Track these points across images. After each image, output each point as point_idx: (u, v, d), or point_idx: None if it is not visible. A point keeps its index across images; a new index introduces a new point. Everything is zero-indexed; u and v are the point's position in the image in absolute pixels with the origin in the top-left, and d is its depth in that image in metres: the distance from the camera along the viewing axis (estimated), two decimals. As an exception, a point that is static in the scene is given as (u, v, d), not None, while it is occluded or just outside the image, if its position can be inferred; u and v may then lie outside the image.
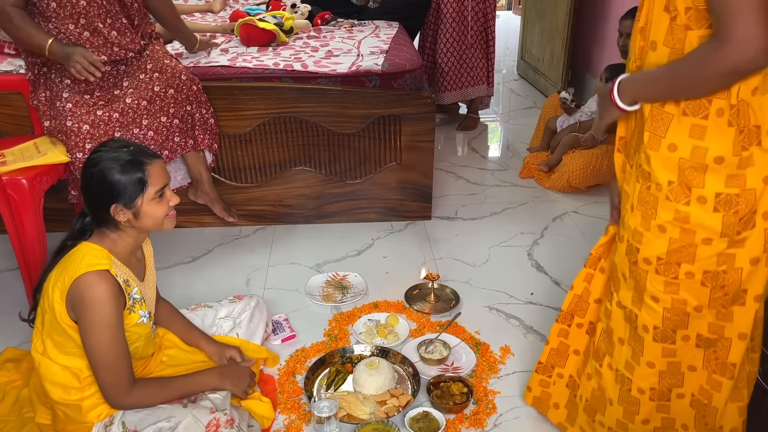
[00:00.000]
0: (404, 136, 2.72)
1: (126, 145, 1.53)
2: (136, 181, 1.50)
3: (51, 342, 1.52)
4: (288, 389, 1.89)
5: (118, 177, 1.48)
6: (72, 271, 1.44)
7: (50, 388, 1.54)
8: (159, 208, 1.54)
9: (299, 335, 2.13)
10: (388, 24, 3.53)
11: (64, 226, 2.55)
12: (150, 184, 1.51)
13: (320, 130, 2.69)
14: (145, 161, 1.52)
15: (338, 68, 2.66)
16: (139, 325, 1.57)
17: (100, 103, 2.26)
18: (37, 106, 2.33)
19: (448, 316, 2.24)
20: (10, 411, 1.75)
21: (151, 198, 1.52)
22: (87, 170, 1.51)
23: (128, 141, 1.59)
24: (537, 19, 4.65)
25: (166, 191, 1.56)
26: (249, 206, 2.81)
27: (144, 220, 1.53)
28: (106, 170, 1.48)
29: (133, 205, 1.51)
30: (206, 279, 2.47)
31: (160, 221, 1.56)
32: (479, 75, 3.83)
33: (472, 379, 1.93)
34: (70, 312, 1.47)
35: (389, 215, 2.89)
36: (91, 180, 1.50)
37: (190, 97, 2.38)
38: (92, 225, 1.55)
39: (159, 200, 1.54)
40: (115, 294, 1.46)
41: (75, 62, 2.16)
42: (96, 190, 1.50)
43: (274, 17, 3.09)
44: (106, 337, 1.45)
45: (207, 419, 1.52)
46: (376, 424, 1.70)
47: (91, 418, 1.54)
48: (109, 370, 1.48)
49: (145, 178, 1.51)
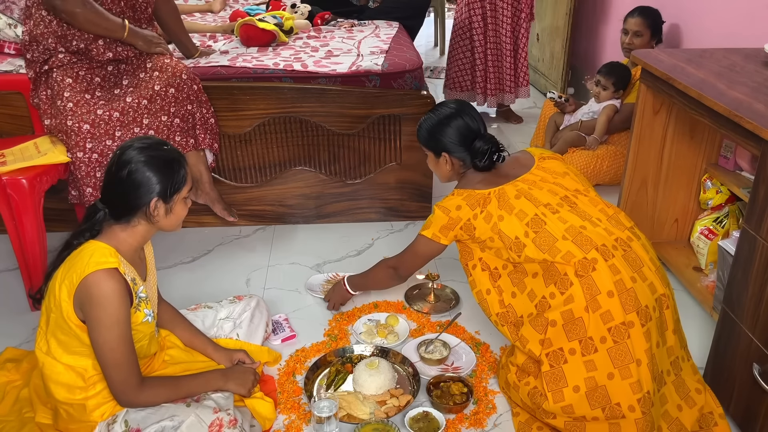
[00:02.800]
0: (404, 136, 2.72)
1: (162, 143, 1.55)
2: (181, 177, 1.53)
3: (55, 341, 1.52)
4: (288, 389, 1.89)
5: (162, 171, 1.50)
6: (80, 269, 1.44)
7: (54, 388, 1.54)
8: (184, 208, 1.59)
9: (299, 335, 2.13)
10: (388, 24, 3.53)
11: (64, 226, 2.58)
12: (186, 183, 1.55)
13: (320, 130, 2.69)
14: (183, 160, 1.55)
15: (338, 68, 2.66)
16: (144, 323, 1.57)
17: (100, 103, 2.26)
18: (37, 105, 2.33)
19: (448, 316, 2.24)
20: (10, 411, 1.75)
21: (185, 196, 1.56)
22: (123, 165, 1.49)
23: (161, 139, 1.62)
24: (537, 18, 4.64)
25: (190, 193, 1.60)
26: (249, 206, 2.81)
27: (171, 217, 1.56)
28: (149, 164, 1.49)
29: (171, 201, 1.53)
30: (206, 279, 2.47)
31: (180, 221, 1.60)
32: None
33: (472, 379, 1.93)
34: (78, 311, 1.47)
35: (389, 215, 2.89)
36: (130, 174, 1.48)
37: (190, 96, 2.38)
38: (103, 222, 1.55)
39: (185, 201, 1.58)
40: (123, 292, 1.46)
41: (158, 44, 2.35)
42: (136, 184, 1.49)
43: (274, 17, 3.08)
44: (114, 335, 1.46)
45: (210, 419, 1.53)
46: (376, 424, 1.70)
47: (94, 417, 1.55)
48: (119, 368, 1.48)
49: (186, 175, 1.54)
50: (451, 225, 1.84)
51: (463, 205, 1.83)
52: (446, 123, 1.89)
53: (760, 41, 2.33)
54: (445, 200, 1.88)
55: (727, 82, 1.91)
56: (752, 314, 1.63)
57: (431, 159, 1.99)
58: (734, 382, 1.72)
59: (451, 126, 1.89)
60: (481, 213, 1.79)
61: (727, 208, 2.34)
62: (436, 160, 1.97)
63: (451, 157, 1.92)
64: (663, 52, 2.30)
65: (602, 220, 1.75)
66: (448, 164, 1.94)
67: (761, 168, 1.59)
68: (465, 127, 1.89)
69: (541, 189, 1.79)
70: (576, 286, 1.62)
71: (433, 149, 1.95)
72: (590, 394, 1.60)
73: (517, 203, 1.77)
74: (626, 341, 1.57)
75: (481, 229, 1.79)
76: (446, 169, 1.96)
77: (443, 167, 1.96)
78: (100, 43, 2.27)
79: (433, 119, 1.93)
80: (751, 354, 1.64)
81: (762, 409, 1.61)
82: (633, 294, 1.60)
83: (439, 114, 1.92)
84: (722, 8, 2.77)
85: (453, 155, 1.91)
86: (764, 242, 1.58)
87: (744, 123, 1.64)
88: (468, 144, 1.88)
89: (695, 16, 3.00)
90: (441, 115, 1.91)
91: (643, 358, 1.57)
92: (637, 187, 2.43)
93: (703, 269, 2.36)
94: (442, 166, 1.95)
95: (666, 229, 2.54)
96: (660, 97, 2.23)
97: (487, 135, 1.90)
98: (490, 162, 1.86)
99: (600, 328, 1.59)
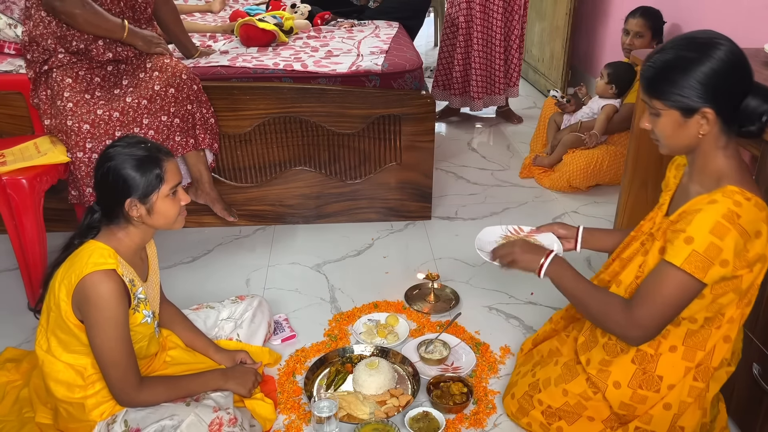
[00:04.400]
0: (404, 136, 2.72)
1: (142, 141, 1.55)
2: (154, 176, 1.51)
3: (55, 339, 1.52)
4: (288, 389, 1.89)
5: (134, 172, 1.49)
6: (78, 270, 1.45)
7: (54, 386, 1.54)
8: (172, 206, 1.56)
9: (299, 335, 2.13)
10: (388, 24, 3.53)
11: (64, 226, 2.58)
12: (165, 181, 1.53)
13: (320, 130, 2.69)
14: (161, 158, 1.53)
15: (338, 68, 2.66)
16: (143, 324, 1.57)
17: (100, 103, 2.26)
18: (37, 105, 2.33)
19: (448, 316, 2.23)
20: (10, 411, 1.75)
21: (165, 195, 1.54)
22: (103, 164, 1.51)
23: (144, 138, 1.60)
24: (537, 19, 4.65)
25: (179, 190, 1.58)
26: (249, 206, 2.81)
27: (156, 217, 1.54)
28: (123, 164, 1.49)
29: (148, 201, 1.52)
30: (206, 279, 2.47)
31: (172, 219, 1.58)
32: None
33: (472, 379, 1.93)
34: (76, 311, 1.47)
35: (389, 215, 2.89)
36: (107, 174, 1.50)
37: (190, 96, 2.38)
38: (101, 222, 1.55)
39: (172, 198, 1.56)
40: (120, 293, 1.46)
41: (157, 44, 2.34)
42: (112, 184, 1.50)
43: (274, 17, 3.09)
44: (112, 336, 1.46)
45: (210, 418, 1.53)
46: (376, 424, 1.70)
47: (94, 416, 1.55)
48: (117, 368, 1.49)
49: (162, 174, 1.52)
50: (743, 260, 1.32)
51: (764, 231, 1.31)
52: (712, 56, 1.29)
53: (760, 41, 2.33)
54: (736, 215, 1.28)
55: (728, 82, 1.90)
56: (752, 314, 1.63)
57: (669, 120, 1.36)
58: (734, 382, 1.72)
59: (723, 60, 1.29)
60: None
61: (727, 208, 2.33)
62: (681, 121, 1.34)
63: (717, 115, 1.32)
64: (663, 52, 2.30)
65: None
66: (705, 126, 1.33)
67: (761, 168, 1.59)
68: (743, 67, 1.32)
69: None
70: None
71: (682, 103, 1.32)
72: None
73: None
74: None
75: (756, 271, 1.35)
76: (695, 135, 1.35)
77: (691, 131, 1.35)
78: (100, 43, 2.27)
79: (689, 51, 1.32)
80: (751, 354, 1.64)
81: (762, 409, 1.61)
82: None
83: (697, 44, 1.32)
84: (722, 8, 2.78)
85: (720, 112, 1.32)
86: (764, 242, 1.57)
87: (744, 123, 1.63)
88: (741, 94, 1.33)
89: (695, 16, 3.00)
90: (701, 45, 1.31)
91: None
92: (637, 187, 2.43)
93: (703, 269, 2.35)
94: (691, 129, 1.34)
95: (666, 229, 2.53)
96: (660, 97, 2.23)
97: (762, 86, 1.35)
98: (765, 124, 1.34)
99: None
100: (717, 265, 1.29)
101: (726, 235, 1.28)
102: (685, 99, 1.31)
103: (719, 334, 1.44)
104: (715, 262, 1.29)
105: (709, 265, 1.29)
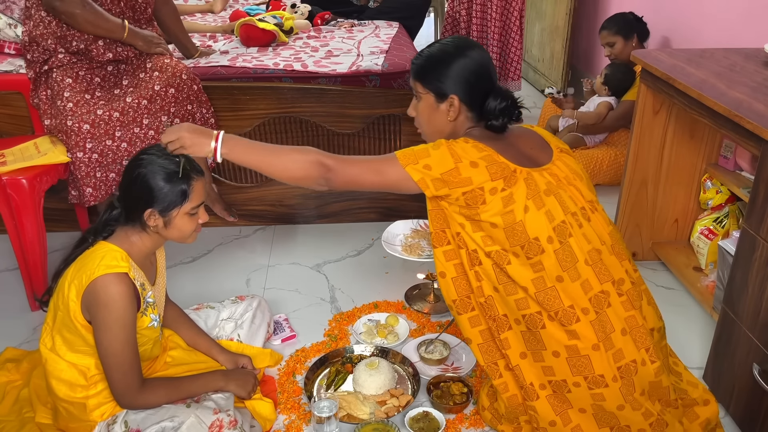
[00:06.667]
0: (404, 136, 2.72)
1: (176, 156, 1.53)
2: (179, 192, 1.51)
3: (61, 338, 1.53)
4: (288, 389, 1.89)
5: (162, 184, 1.49)
6: (90, 271, 1.45)
7: (56, 384, 1.54)
8: (189, 224, 1.56)
9: (299, 335, 2.13)
10: (388, 24, 3.53)
11: (64, 226, 2.58)
12: (190, 200, 1.53)
13: (320, 130, 2.69)
14: (192, 176, 1.53)
15: (338, 68, 2.66)
16: (149, 328, 1.58)
17: (100, 103, 2.26)
18: (37, 105, 2.33)
19: (448, 316, 2.23)
20: (10, 411, 1.75)
21: (186, 212, 1.54)
22: (134, 169, 1.50)
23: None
24: (537, 18, 4.65)
25: (200, 209, 1.58)
26: (249, 206, 2.81)
27: (172, 230, 1.55)
28: (154, 174, 1.49)
29: (167, 215, 1.52)
30: (206, 279, 2.47)
31: (187, 235, 1.58)
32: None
33: (472, 379, 1.93)
34: (85, 312, 1.48)
35: (389, 215, 2.89)
36: (136, 179, 1.50)
37: (190, 96, 2.38)
38: (117, 221, 1.56)
39: (192, 216, 1.56)
40: (131, 296, 1.47)
41: (157, 44, 2.35)
42: (137, 191, 1.50)
43: (274, 17, 3.09)
44: (119, 339, 1.46)
45: (210, 419, 1.53)
46: (376, 424, 1.70)
47: (94, 416, 1.55)
48: (121, 370, 1.49)
49: (188, 192, 1.52)
50: (452, 180, 1.46)
51: (482, 165, 1.45)
52: (466, 55, 1.54)
53: (760, 41, 2.33)
54: (455, 143, 1.49)
55: (727, 82, 1.91)
56: (752, 314, 1.63)
57: (426, 103, 1.59)
58: (734, 382, 1.72)
59: (473, 59, 1.54)
60: (503, 191, 1.45)
61: (727, 208, 2.34)
62: (435, 105, 1.58)
63: (461, 102, 1.55)
64: (663, 52, 2.30)
65: (607, 243, 1.53)
66: (452, 112, 1.56)
67: (761, 168, 1.59)
68: (488, 69, 1.56)
69: (566, 191, 1.52)
70: (584, 323, 1.45)
71: (436, 88, 1.56)
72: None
73: (547, 201, 1.47)
74: (633, 377, 1.46)
75: (491, 209, 1.45)
76: (445, 120, 1.58)
77: (441, 116, 1.58)
78: (100, 43, 2.27)
79: (449, 47, 1.56)
80: (751, 354, 1.64)
81: (762, 409, 1.61)
82: (645, 330, 1.48)
83: (457, 44, 1.57)
84: (722, 8, 2.77)
85: (464, 100, 1.55)
86: (764, 242, 1.58)
87: (744, 123, 1.64)
88: (483, 92, 1.55)
89: (695, 17, 3.00)
90: (459, 45, 1.57)
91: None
92: (637, 187, 2.43)
93: (703, 269, 2.36)
94: (442, 114, 1.58)
95: (666, 229, 2.54)
96: (660, 97, 2.23)
97: (503, 88, 1.58)
98: (507, 120, 1.55)
99: (611, 367, 1.46)
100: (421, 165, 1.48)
101: (439, 147, 1.49)
102: (441, 84, 1.55)
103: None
104: (420, 161, 1.48)
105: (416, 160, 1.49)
